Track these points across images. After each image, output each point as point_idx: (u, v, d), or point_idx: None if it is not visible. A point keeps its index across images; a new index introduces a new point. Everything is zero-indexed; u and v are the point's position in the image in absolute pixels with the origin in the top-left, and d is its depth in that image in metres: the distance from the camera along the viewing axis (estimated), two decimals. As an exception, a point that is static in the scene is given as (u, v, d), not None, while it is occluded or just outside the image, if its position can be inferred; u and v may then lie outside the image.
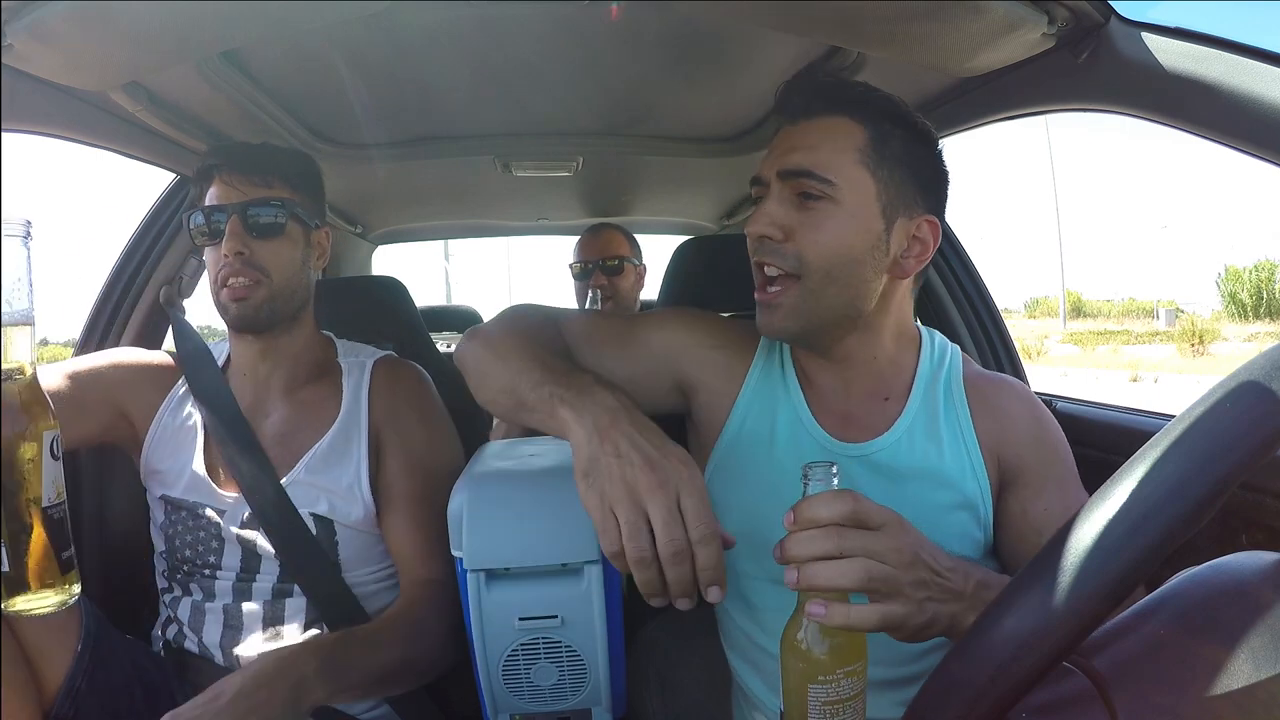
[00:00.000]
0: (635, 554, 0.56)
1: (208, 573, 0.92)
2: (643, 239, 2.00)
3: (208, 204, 0.94)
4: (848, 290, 0.73)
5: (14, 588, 0.50)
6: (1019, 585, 0.36)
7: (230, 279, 0.91)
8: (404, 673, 0.86)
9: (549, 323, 0.83)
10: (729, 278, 1.25)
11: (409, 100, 1.21)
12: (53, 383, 0.93)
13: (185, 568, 0.94)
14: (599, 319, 0.89)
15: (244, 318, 0.93)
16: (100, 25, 0.77)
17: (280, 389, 0.99)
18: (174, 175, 1.26)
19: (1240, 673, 0.33)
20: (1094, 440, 0.95)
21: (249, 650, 0.89)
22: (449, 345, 2.32)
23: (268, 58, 1.01)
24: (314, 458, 0.94)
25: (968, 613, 0.59)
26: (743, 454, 0.82)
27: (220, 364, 1.01)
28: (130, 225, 1.33)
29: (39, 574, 0.50)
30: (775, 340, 0.82)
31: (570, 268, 1.89)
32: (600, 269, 1.81)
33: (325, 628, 0.91)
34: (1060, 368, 15.27)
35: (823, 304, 0.73)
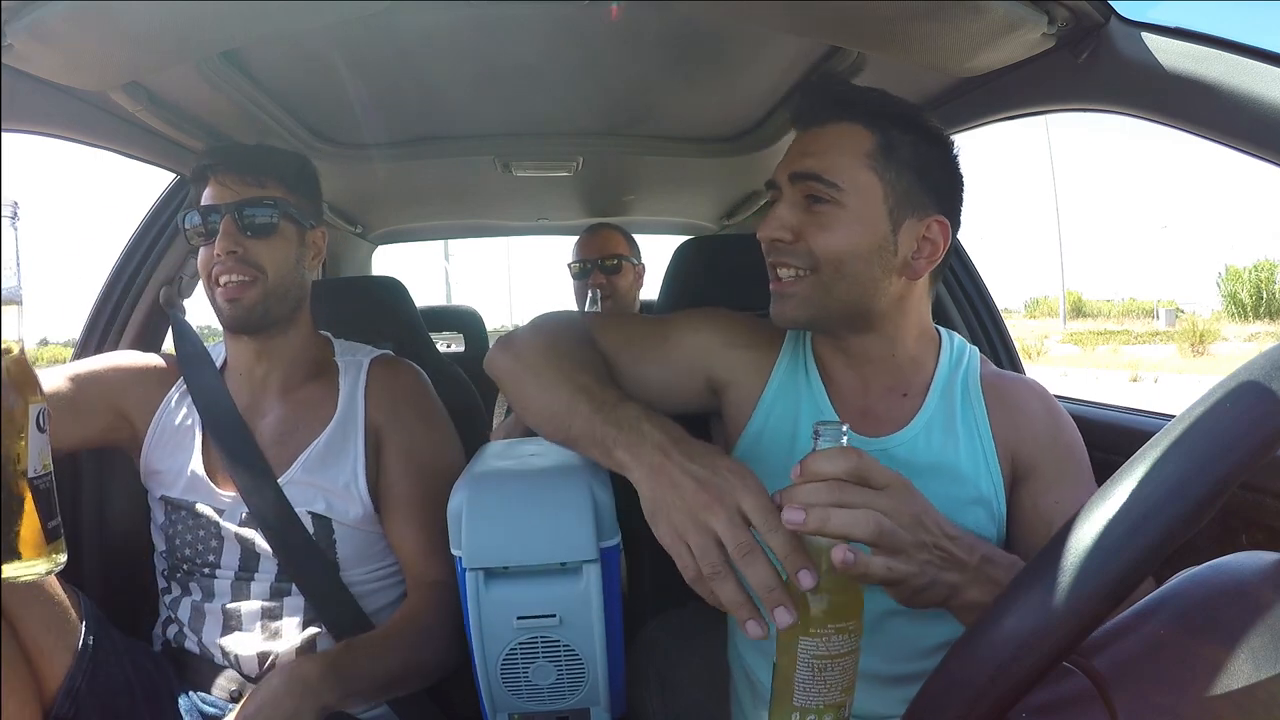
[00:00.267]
0: (709, 569, 0.57)
1: (207, 571, 0.93)
2: (642, 239, 2.00)
3: (202, 204, 0.94)
4: (857, 287, 0.75)
5: (3, 555, 0.52)
6: (1019, 585, 0.36)
7: (223, 276, 0.92)
8: (412, 676, 0.87)
9: (581, 333, 0.84)
10: (729, 278, 1.25)
11: (409, 100, 1.21)
12: (53, 386, 0.94)
13: (185, 567, 0.94)
14: (629, 324, 0.91)
15: (238, 318, 0.93)
16: (100, 25, 0.77)
17: (277, 389, 0.99)
18: (174, 175, 1.26)
19: (1240, 673, 0.33)
20: (1094, 440, 0.94)
21: (248, 649, 0.89)
22: (449, 345, 2.32)
23: (268, 58, 1.02)
24: (310, 457, 0.94)
25: (970, 585, 0.60)
26: (766, 448, 0.83)
27: (219, 365, 1.01)
28: (130, 225, 1.33)
29: (27, 542, 0.52)
30: (791, 329, 0.84)
31: (569, 267, 1.90)
32: (599, 268, 1.82)
33: (323, 626, 0.91)
34: (1060, 368, 15.27)
35: (833, 296, 0.76)
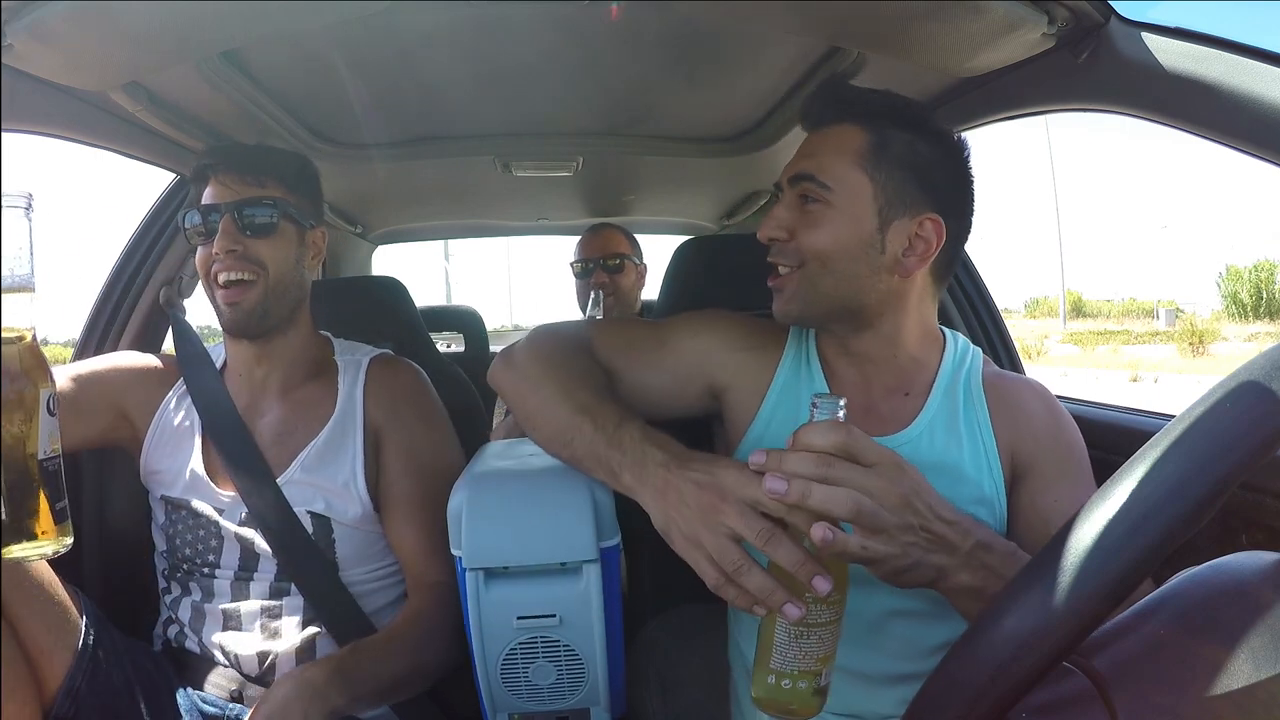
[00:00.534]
0: (732, 567, 0.57)
1: (207, 571, 0.93)
2: (642, 239, 2.00)
3: (202, 204, 0.94)
4: (843, 282, 0.76)
5: (12, 535, 0.53)
6: (1019, 585, 0.36)
7: (222, 274, 0.91)
8: (417, 678, 0.87)
9: (580, 344, 0.85)
10: (729, 278, 1.25)
11: (409, 100, 1.21)
12: (59, 385, 0.94)
13: (185, 566, 0.94)
14: (629, 329, 0.91)
15: (238, 322, 0.93)
16: (100, 25, 0.77)
17: (277, 389, 0.99)
18: (174, 175, 1.26)
19: (1240, 673, 0.33)
20: (1094, 440, 0.94)
21: (248, 649, 0.89)
22: (449, 345, 2.32)
23: (268, 58, 1.02)
24: (309, 456, 0.94)
25: (960, 569, 0.60)
26: (770, 445, 0.83)
27: (219, 365, 1.01)
28: (130, 225, 1.33)
29: (36, 523, 0.54)
30: (789, 324, 0.84)
31: (571, 267, 1.91)
32: (601, 267, 1.83)
33: (323, 626, 0.91)
34: (1060, 368, 15.27)
35: (819, 291, 0.77)
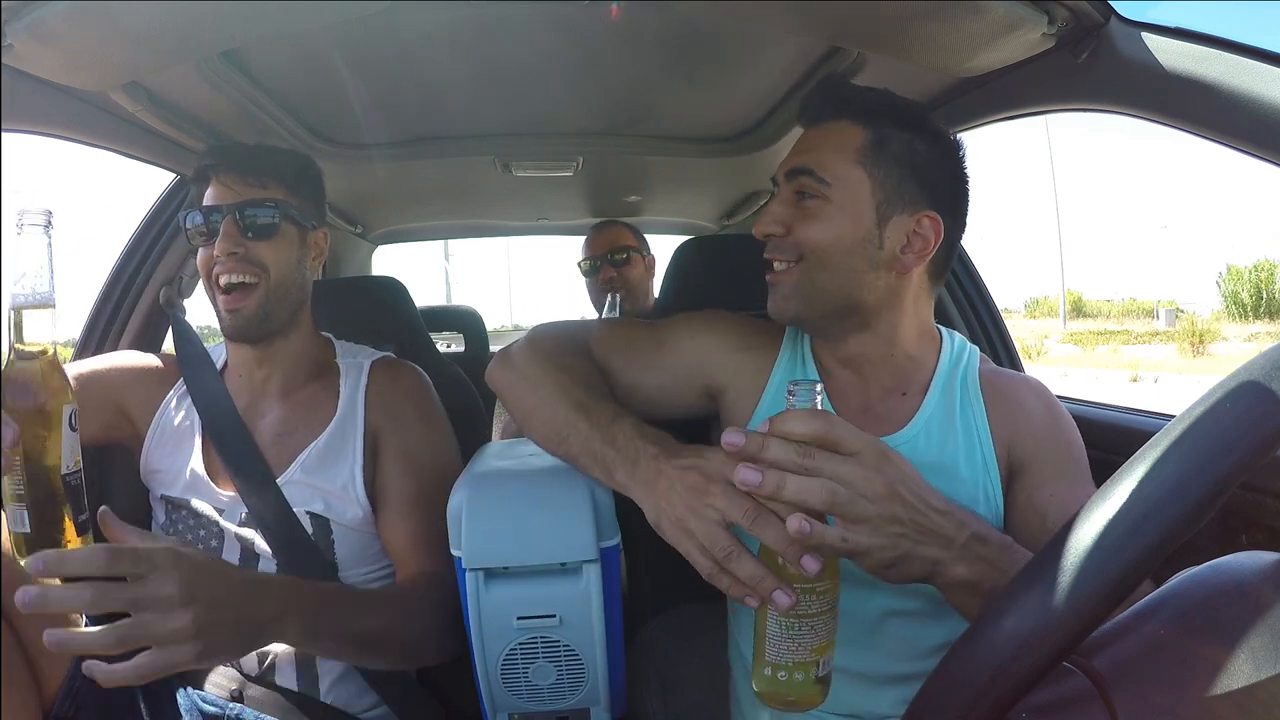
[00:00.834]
0: (721, 552, 0.56)
1: (207, 572, 0.92)
2: (643, 239, 2.01)
3: (204, 205, 0.94)
4: (840, 277, 0.76)
5: (37, 547, 0.55)
6: (1019, 585, 0.36)
7: (224, 276, 0.91)
8: (385, 644, 0.82)
9: (578, 344, 0.85)
10: (729, 278, 1.25)
11: (409, 100, 1.21)
12: None
13: (185, 567, 0.93)
14: (627, 330, 0.91)
15: (239, 328, 0.93)
16: (100, 25, 0.77)
17: (277, 390, 0.99)
18: (174, 175, 1.26)
19: (1240, 673, 0.33)
20: (1094, 440, 0.95)
21: (249, 650, 0.89)
22: (449, 345, 2.32)
23: (268, 58, 1.02)
24: (309, 457, 0.94)
25: (956, 562, 0.59)
26: None
27: (219, 366, 1.01)
28: (130, 225, 1.33)
29: (61, 535, 0.56)
30: (785, 323, 0.84)
31: (579, 266, 1.93)
32: (608, 262, 1.85)
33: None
34: (1060, 368, 15.26)
35: (817, 287, 0.77)
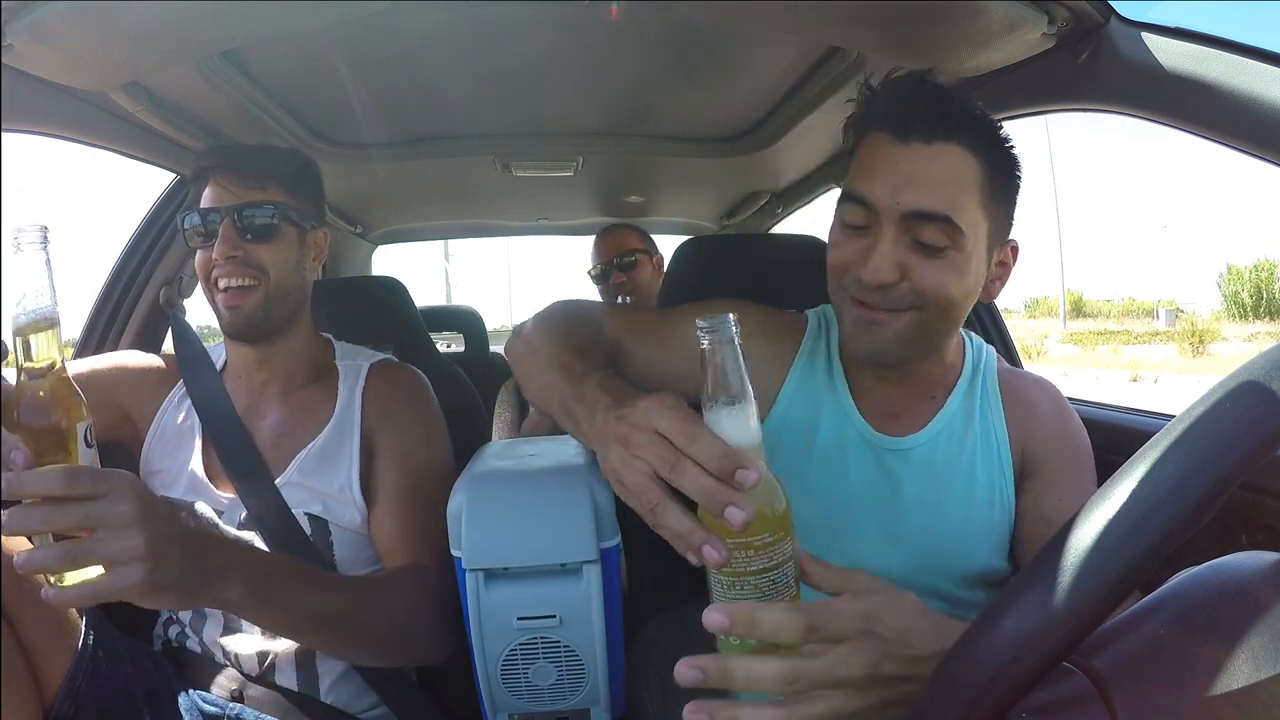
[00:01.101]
0: (648, 504, 0.51)
1: (207, 573, 0.92)
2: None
3: (202, 206, 0.94)
4: (952, 324, 0.75)
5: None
6: (1019, 585, 0.36)
7: (223, 280, 0.91)
8: (353, 629, 0.79)
9: (588, 318, 0.83)
10: (729, 278, 1.25)
11: (409, 100, 1.21)
12: None
13: (185, 568, 0.93)
14: (641, 314, 0.91)
15: (239, 325, 0.92)
16: (100, 25, 0.77)
17: (276, 391, 0.99)
18: (174, 175, 1.26)
19: (1240, 673, 0.33)
20: (1094, 440, 0.95)
21: (248, 648, 0.89)
22: (449, 345, 2.32)
23: (268, 58, 1.02)
24: (306, 460, 0.94)
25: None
26: (784, 441, 0.82)
27: (219, 366, 1.01)
28: (130, 225, 1.33)
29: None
30: (874, 361, 0.77)
31: (589, 274, 1.95)
32: (617, 267, 1.87)
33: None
34: (1060, 368, 15.25)
35: (930, 334, 0.74)
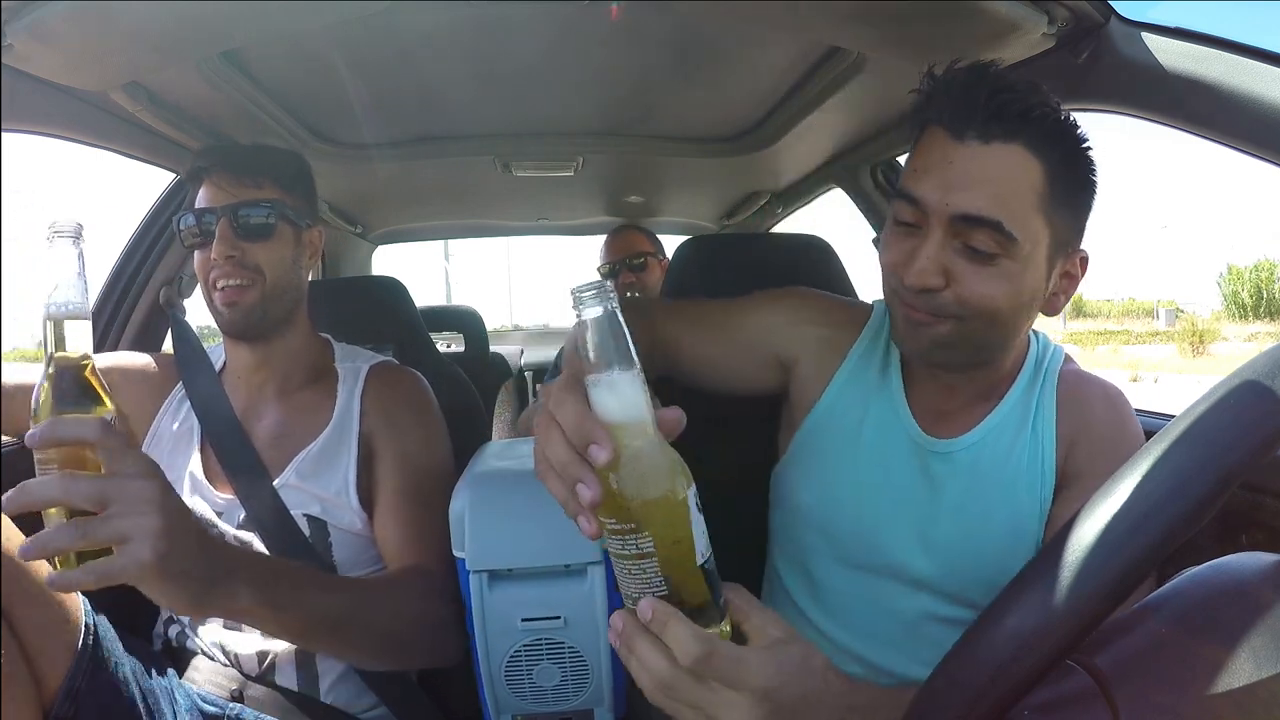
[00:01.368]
0: (537, 467, 0.48)
1: (207, 573, 0.92)
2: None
3: (197, 206, 0.93)
4: (1004, 334, 0.70)
5: (86, 557, 0.55)
6: (1021, 584, 0.36)
7: (221, 280, 0.91)
8: (361, 631, 0.78)
9: (640, 310, 0.85)
10: (729, 277, 1.25)
11: (409, 100, 1.21)
12: None
13: (185, 568, 0.93)
14: (698, 305, 0.90)
15: (236, 323, 0.92)
16: (100, 25, 0.77)
17: (275, 392, 0.98)
18: (174, 175, 1.26)
19: (1241, 672, 0.33)
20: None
21: (248, 648, 0.89)
22: (449, 345, 2.32)
23: (268, 58, 1.02)
24: (304, 462, 0.93)
25: None
26: (830, 431, 0.82)
27: (218, 366, 1.01)
28: (130, 225, 1.33)
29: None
30: (913, 357, 0.77)
31: (599, 270, 1.98)
32: (627, 268, 1.91)
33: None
34: (1060, 368, 15.20)
35: (974, 342, 0.70)
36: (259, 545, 0.90)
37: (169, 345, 1.23)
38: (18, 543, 0.66)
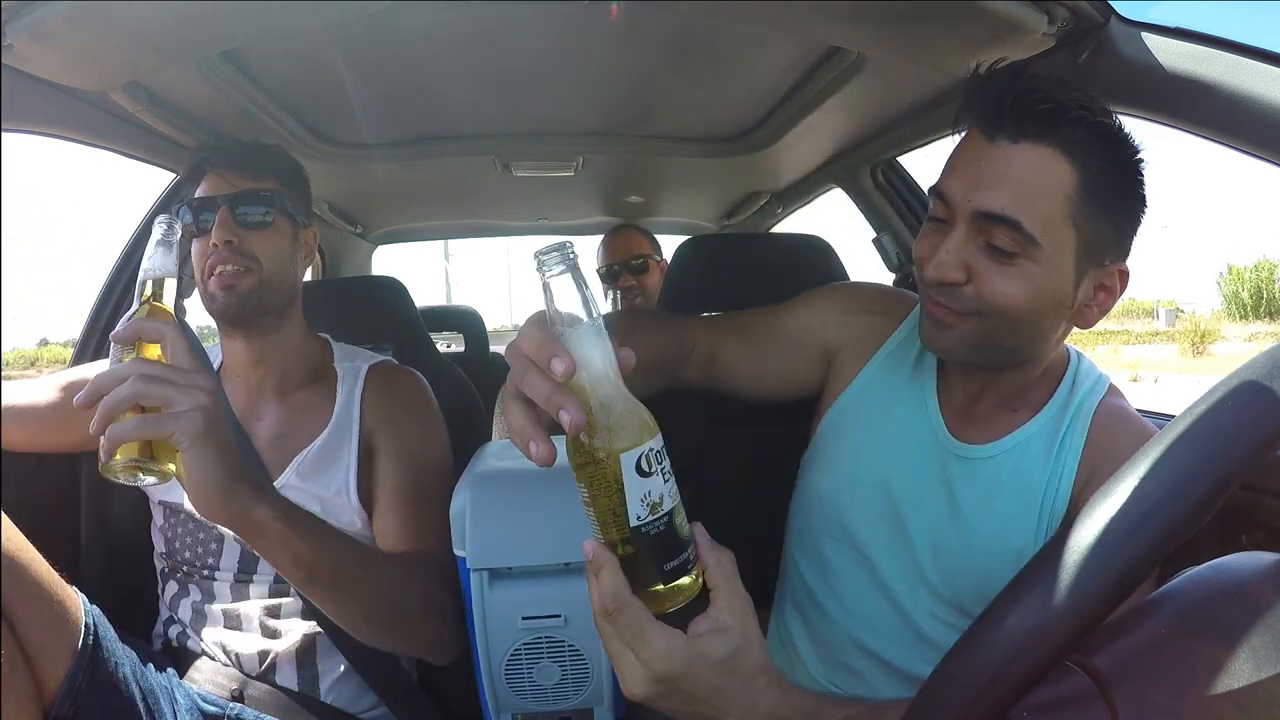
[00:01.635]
0: (506, 410, 0.50)
1: (206, 573, 0.93)
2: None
3: (199, 196, 0.94)
4: (1023, 338, 0.69)
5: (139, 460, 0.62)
6: (1021, 584, 0.36)
7: (218, 266, 0.90)
8: (363, 590, 0.79)
9: (666, 326, 0.86)
10: (729, 277, 1.25)
11: (409, 100, 1.21)
12: (52, 396, 0.94)
13: (185, 568, 0.94)
14: (736, 316, 0.90)
15: (231, 307, 0.91)
16: (100, 25, 0.77)
17: (273, 392, 0.98)
18: (174, 175, 1.26)
19: (1240, 672, 0.33)
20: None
21: (249, 649, 0.89)
22: (449, 345, 2.32)
23: (268, 58, 1.02)
24: (304, 462, 0.94)
25: None
26: (855, 419, 0.83)
27: (215, 367, 1.01)
28: (130, 225, 1.33)
29: (156, 449, 0.63)
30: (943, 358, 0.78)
31: (597, 272, 1.94)
32: (627, 269, 1.88)
33: (322, 626, 0.91)
34: (1060, 367, 15.20)
35: (993, 343, 0.69)
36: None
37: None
38: (18, 543, 0.66)
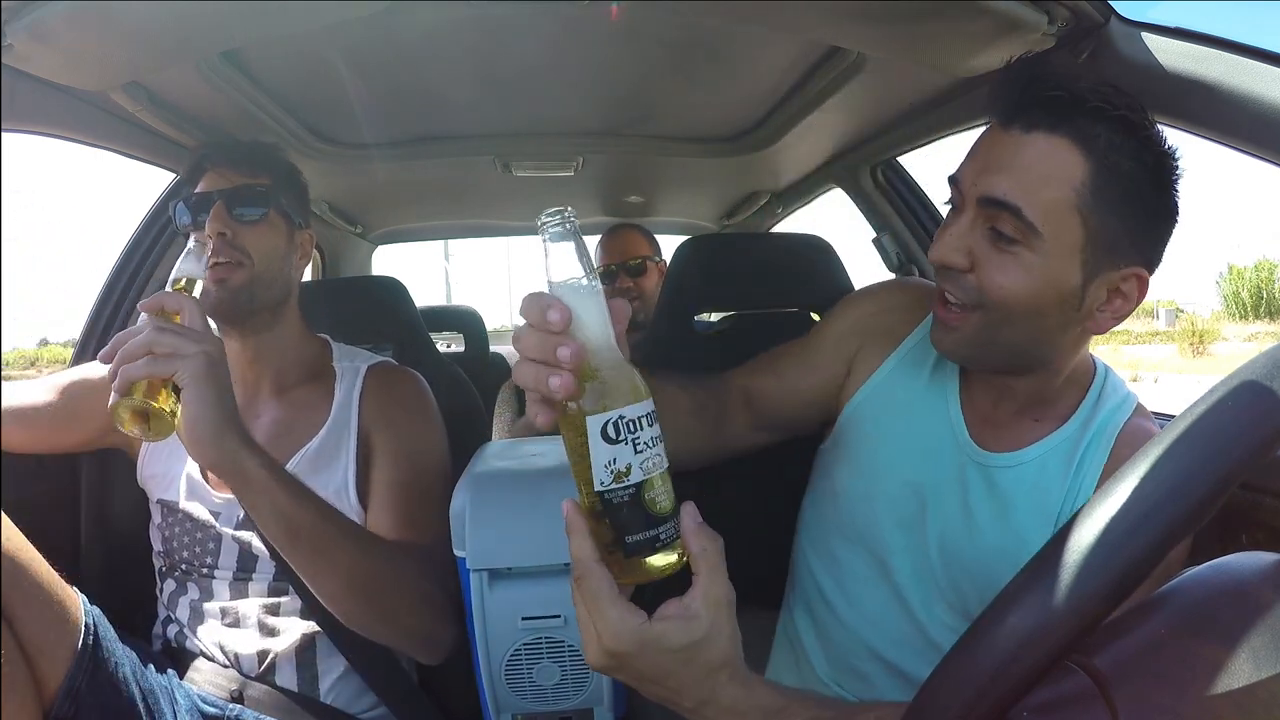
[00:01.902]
0: (517, 373, 0.49)
1: (205, 572, 0.93)
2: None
3: (196, 192, 0.94)
4: (1027, 336, 0.68)
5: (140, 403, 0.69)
6: (1021, 584, 0.36)
7: (211, 259, 0.90)
8: (346, 558, 0.79)
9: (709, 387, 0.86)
10: (729, 277, 1.25)
11: (409, 100, 1.21)
12: (51, 397, 0.95)
13: (183, 568, 0.94)
14: (765, 355, 0.91)
15: (223, 301, 0.91)
16: (100, 25, 0.77)
17: (270, 390, 0.98)
18: (174, 175, 1.26)
19: (1241, 672, 0.33)
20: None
21: (248, 648, 0.89)
22: (449, 345, 2.32)
23: (268, 58, 1.02)
24: (302, 461, 0.93)
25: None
26: (871, 416, 0.82)
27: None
28: (130, 225, 1.33)
29: (155, 392, 0.70)
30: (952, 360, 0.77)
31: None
32: (625, 271, 1.80)
33: (321, 625, 0.91)
34: (1060, 368, 15.19)
35: (998, 340, 0.68)
36: (258, 543, 0.90)
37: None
38: (18, 543, 0.66)
